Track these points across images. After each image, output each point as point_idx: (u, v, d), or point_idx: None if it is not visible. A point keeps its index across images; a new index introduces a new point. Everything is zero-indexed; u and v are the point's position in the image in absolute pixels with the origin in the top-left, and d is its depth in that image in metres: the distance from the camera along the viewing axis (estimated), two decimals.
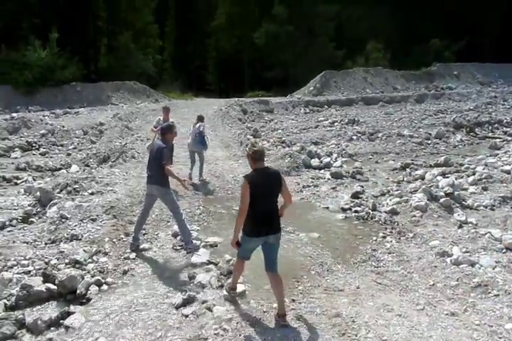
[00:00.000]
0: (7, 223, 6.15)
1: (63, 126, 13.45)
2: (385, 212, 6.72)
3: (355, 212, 6.92)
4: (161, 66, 38.95)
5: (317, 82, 25.09)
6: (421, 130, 14.44)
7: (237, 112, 18.17)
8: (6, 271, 4.68)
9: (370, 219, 6.58)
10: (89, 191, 7.23)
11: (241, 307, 4.17)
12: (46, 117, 15.40)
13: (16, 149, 11.25)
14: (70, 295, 4.30)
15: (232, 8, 36.51)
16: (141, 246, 5.53)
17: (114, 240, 5.60)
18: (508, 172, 8.05)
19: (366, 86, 25.66)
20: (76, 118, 15.97)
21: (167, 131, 5.53)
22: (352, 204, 7.22)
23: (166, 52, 41.18)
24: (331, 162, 10.35)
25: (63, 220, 5.90)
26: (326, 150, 11.67)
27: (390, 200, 7.21)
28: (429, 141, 12.95)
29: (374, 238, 5.91)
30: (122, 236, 5.79)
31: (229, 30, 37.00)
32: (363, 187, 8.20)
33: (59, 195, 6.94)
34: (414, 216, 6.42)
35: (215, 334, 3.73)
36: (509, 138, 13.00)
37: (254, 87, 31.69)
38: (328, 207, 7.32)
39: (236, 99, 21.66)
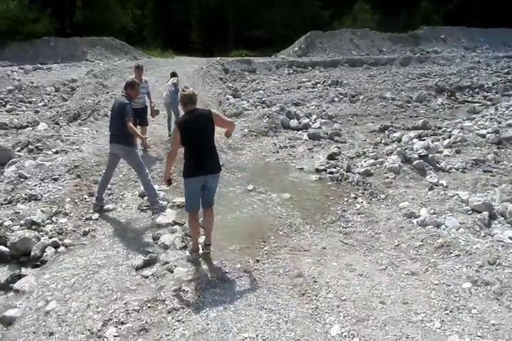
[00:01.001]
0: None
1: (32, 82, 12.63)
2: (359, 173, 6.63)
3: (330, 173, 6.84)
4: (141, 22, 36.92)
5: (302, 42, 24.20)
6: (403, 93, 14.11)
7: (219, 71, 17.49)
8: None
9: (343, 180, 6.50)
10: (54, 150, 6.89)
11: (203, 268, 4.07)
12: (14, 73, 14.44)
13: None
14: (23, 258, 4.12)
15: None
16: (105, 207, 5.34)
17: (76, 200, 5.37)
18: (483, 136, 7.96)
19: (352, 48, 24.88)
20: (48, 75, 15.07)
21: (127, 86, 5.29)
22: (327, 166, 7.13)
23: (146, 7, 38.86)
24: (310, 123, 10.11)
25: (22, 180, 5.60)
26: (306, 111, 11.36)
27: (365, 162, 7.12)
28: (410, 104, 12.71)
29: (345, 199, 5.84)
30: (86, 196, 5.56)
31: None
32: (339, 148, 8.08)
33: (19, 153, 6.57)
34: (388, 177, 6.33)
35: (174, 295, 3.63)
36: (488, 103, 12.82)
37: (239, 46, 30.47)
38: (302, 168, 7.22)
39: (219, 58, 20.78)
